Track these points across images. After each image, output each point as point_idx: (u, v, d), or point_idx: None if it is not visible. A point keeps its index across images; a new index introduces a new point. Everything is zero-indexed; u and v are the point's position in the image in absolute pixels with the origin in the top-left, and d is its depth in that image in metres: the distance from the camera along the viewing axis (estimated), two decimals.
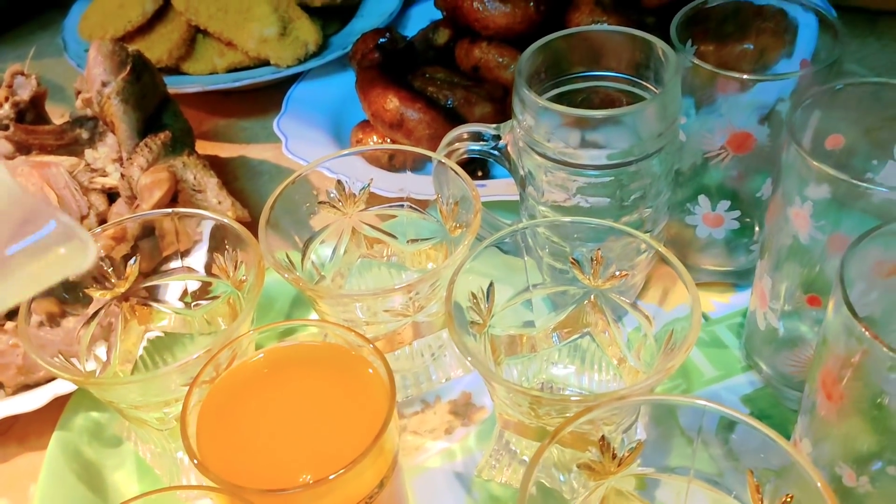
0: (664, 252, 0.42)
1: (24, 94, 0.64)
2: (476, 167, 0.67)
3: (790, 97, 0.47)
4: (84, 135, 0.63)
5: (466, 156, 0.52)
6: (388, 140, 0.68)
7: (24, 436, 0.55)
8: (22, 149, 0.62)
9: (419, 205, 0.54)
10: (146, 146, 0.58)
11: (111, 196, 0.60)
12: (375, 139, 0.69)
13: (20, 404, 0.52)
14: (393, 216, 0.54)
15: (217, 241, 0.49)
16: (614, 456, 0.37)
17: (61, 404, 0.52)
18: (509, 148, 0.51)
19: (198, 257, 0.51)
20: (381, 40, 0.73)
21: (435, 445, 0.51)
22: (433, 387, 0.54)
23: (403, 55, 0.73)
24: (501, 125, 0.52)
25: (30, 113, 0.65)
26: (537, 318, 0.48)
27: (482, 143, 0.52)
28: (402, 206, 0.54)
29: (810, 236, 0.43)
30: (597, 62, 0.51)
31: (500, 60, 0.68)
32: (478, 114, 0.66)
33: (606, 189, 0.48)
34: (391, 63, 0.71)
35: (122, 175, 0.58)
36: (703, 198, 0.53)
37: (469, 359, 0.39)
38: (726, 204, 0.53)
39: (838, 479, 0.38)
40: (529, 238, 0.48)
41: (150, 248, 0.53)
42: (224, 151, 0.77)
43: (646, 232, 0.49)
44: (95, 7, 0.83)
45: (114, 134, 0.61)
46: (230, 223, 0.48)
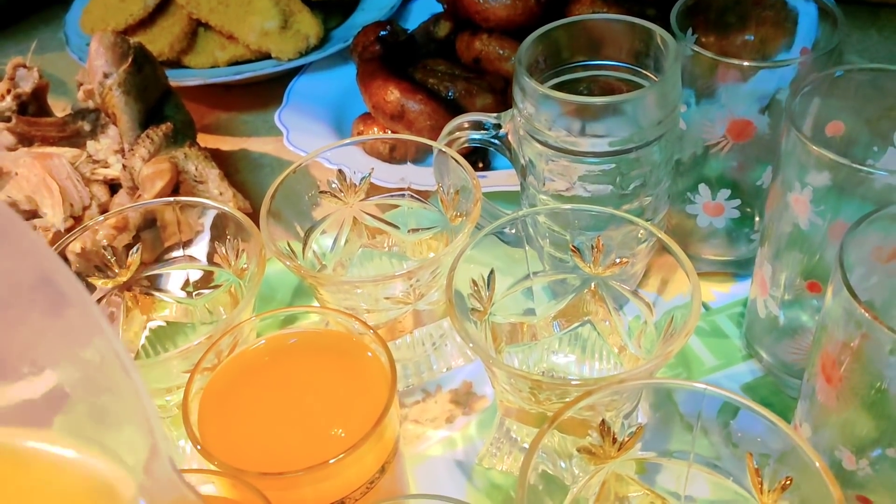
0: (664, 239, 0.43)
1: (26, 87, 0.65)
2: (477, 158, 0.67)
3: (790, 85, 0.48)
4: (86, 127, 0.63)
5: (467, 145, 0.52)
6: (390, 132, 0.68)
7: None
8: (24, 141, 0.62)
9: (420, 195, 0.54)
10: (148, 137, 0.59)
11: (113, 187, 0.60)
12: (376, 131, 0.69)
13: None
14: (394, 206, 0.54)
15: (219, 231, 0.50)
16: (615, 440, 0.37)
17: None
18: (510, 137, 0.51)
19: (200, 247, 0.51)
20: (382, 33, 0.73)
21: (436, 434, 0.51)
22: (434, 376, 0.54)
23: (404, 48, 0.73)
24: (502, 114, 0.52)
25: (32, 105, 0.65)
26: (538, 307, 0.48)
27: (483, 133, 0.52)
28: (404, 196, 0.54)
29: (810, 222, 0.43)
30: (597, 51, 0.51)
31: (501, 52, 0.68)
32: (479, 105, 0.66)
33: (607, 177, 0.48)
34: (392, 56, 0.71)
35: (124, 166, 0.58)
36: (704, 187, 0.53)
37: (470, 345, 0.39)
38: (727, 193, 0.53)
39: (838, 463, 0.38)
40: (530, 227, 0.49)
41: (152, 239, 0.53)
42: (225, 145, 0.77)
43: (646, 221, 0.49)
44: (97, 1, 0.83)
45: (115, 125, 0.61)
46: (232, 212, 0.48)
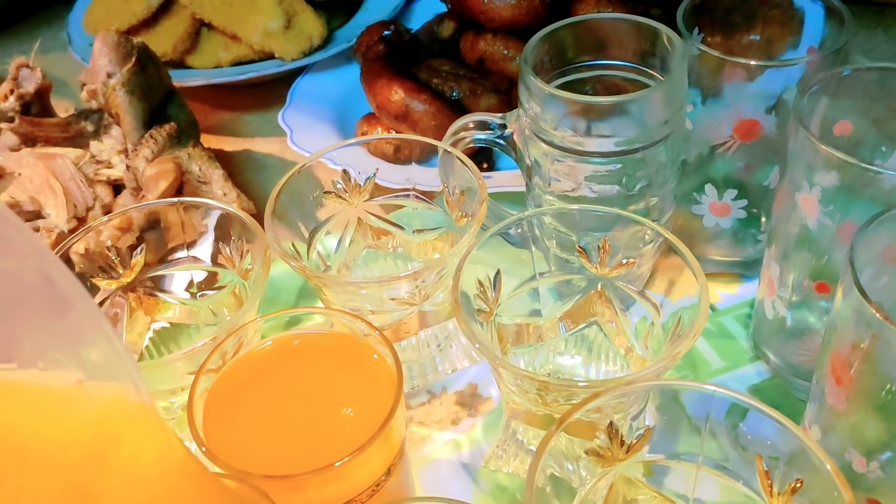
0: (672, 239, 0.42)
1: (30, 87, 0.64)
2: (482, 159, 0.67)
3: (797, 84, 0.47)
4: (89, 127, 0.63)
5: (472, 145, 0.52)
6: (394, 132, 0.68)
7: None
8: (27, 141, 0.62)
9: (425, 195, 0.54)
10: (151, 137, 0.58)
11: (116, 188, 0.60)
12: (380, 131, 0.69)
13: None
14: (399, 206, 0.54)
15: (223, 231, 0.49)
16: (622, 442, 0.36)
17: None
18: (515, 137, 0.51)
19: (204, 248, 0.51)
20: (386, 33, 0.72)
21: (441, 436, 0.51)
22: (439, 378, 0.53)
23: (408, 48, 0.72)
24: (507, 114, 0.51)
25: (35, 105, 0.65)
26: (544, 308, 0.48)
27: (488, 133, 0.52)
28: (408, 196, 0.54)
29: (819, 222, 0.42)
30: (602, 51, 0.51)
31: (506, 52, 0.68)
32: (483, 105, 0.66)
33: (613, 177, 0.48)
34: (396, 55, 0.71)
35: (128, 166, 0.58)
36: (710, 187, 0.53)
37: (477, 346, 0.39)
38: (733, 193, 0.53)
39: (848, 466, 0.38)
40: (536, 228, 0.48)
41: (156, 240, 0.53)
42: (229, 145, 0.77)
43: (652, 221, 0.49)
44: (100, 1, 0.83)
45: (119, 126, 0.61)
46: (236, 212, 0.48)
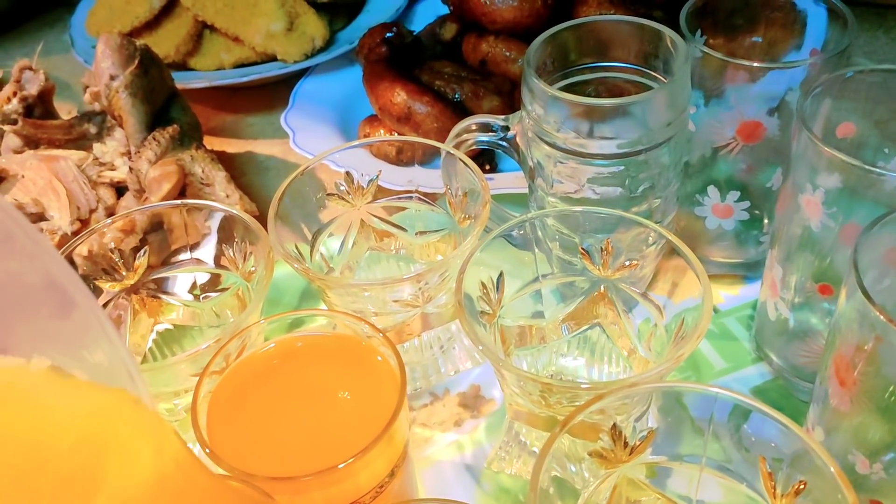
0: (674, 240, 0.42)
1: (32, 89, 0.65)
2: (484, 161, 0.67)
3: (800, 86, 0.47)
4: (92, 130, 0.63)
5: (475, 147, 0.52)
6: (396, 134, 0.68)
7: None
8: (30, 143, 0.62)
9: (428, 197, 0.54)
10: (154, 140, 0.58)
11: (119, 190, 0.60)
12: (383, 133, 0.69)
13: None
14: (402, 208, 0.54)
15: (226, 233, 0.49)
16: (626, 444, 0.36)
17: None
18: (518, 139, 0.51)
19: (207, 250, 0.51)
20: (388, 35, 0.72)
21: (444, 438, 0.51)
22: (442, 379, 0.53)
23: (410, 50, 0.72)
24: (510, 116, 0.51)
25: (38, 108, 0.65)
26: (547, 309, 0.48)
27: (491, 135, 0.52)
28: (411, 198, 0.54)
29: (822, 224, 0.42)
30: (605, 53, 0.51)
31: (508, 54, 0.68)
32: (486, 107, 0.66)
33: (616, 179, 0.48)
34: (398, 57, 0.71)
35: (131, 168, 0.58)
36: (713, 189, 0.53)
37: (480, 347, 0.39)
38: (736, 195, 0.53)
39: (851, 467, 0.38)
40: (539, 230, 0.48)
41: (159, 242, 0.53)
42: (231, 147, 0.77)
43: (655, 223, 0.49)
44: (102, 3, 0.83)
45: (122, 128, 0.61)
46: (239, 214, 0.48)
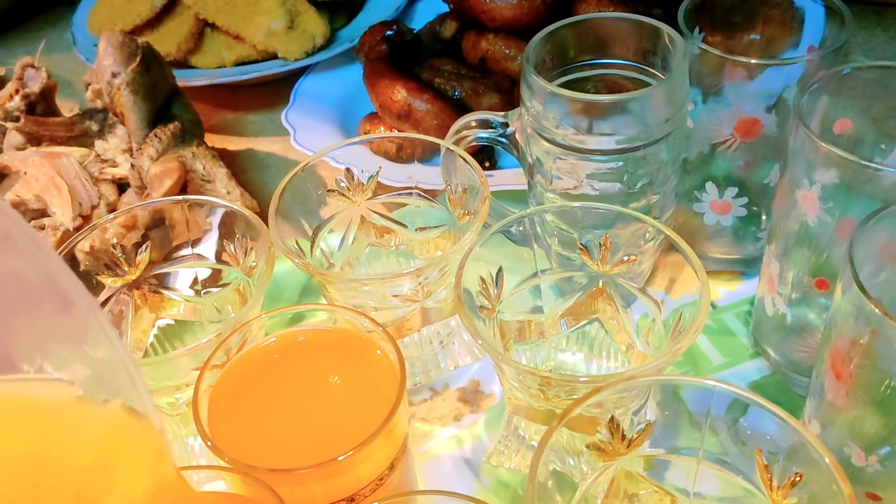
0: (673, 236, 0.43)
1: (35, 87, 0.65)
2: (484, 157, 0.67)
3: (797, 83, 0.48)
4: (94, 127, 0.64)
5: (475, 143, 0.52)
6: (396, 131, 0.68)
7: None
8: (32, 140, 0.62)
9: (428, 193, 0.54)
10: (156, 136, 0.59)
11: (121, 186, 0.61)
12: (383, 130, 0.69)
13: None
14: (401, 204, 0.55)
15: (227, 229, 0.50)
16: (624, 437, 0.37)
17: None
18: (517, 135, 0.51)
19: (208, 245, 0.52)
20: (389, 33, 0.73)
21: (444, 432, 0.51)
22: (442, 374, 0.54)
23: (411, 48, 0.73)
24: (510, 113, 0.52)
25: (40, 105, 0.65)
26: (545, 305, 0.48)
27: (490, 131, 0.52)
28: (411, 194, 0.54)
29: (818, 219, 0.43)
30: (604, 50, 0.51)
31: (508, 52, 0.68)
32: (485, 105, 0.66)
33: (614, 175, 0.48)
34: (399, 55, 0.71)
35: (132, 165, 0.59)
36: (711, 185, 0.53)
37: (480, 342, 0.39)
38: (734, 191, 0.53)
39: (847, 460, 0.38)
40: (538, 226, 0.49)
41: (161, 238, 0.54)
42: (232, 145, 0.77)
43: (654, 219, 0.50)
44: (104, 2, 0.83)
45: (123, 125, 0.62)
46: (240, 210, 0.49)
